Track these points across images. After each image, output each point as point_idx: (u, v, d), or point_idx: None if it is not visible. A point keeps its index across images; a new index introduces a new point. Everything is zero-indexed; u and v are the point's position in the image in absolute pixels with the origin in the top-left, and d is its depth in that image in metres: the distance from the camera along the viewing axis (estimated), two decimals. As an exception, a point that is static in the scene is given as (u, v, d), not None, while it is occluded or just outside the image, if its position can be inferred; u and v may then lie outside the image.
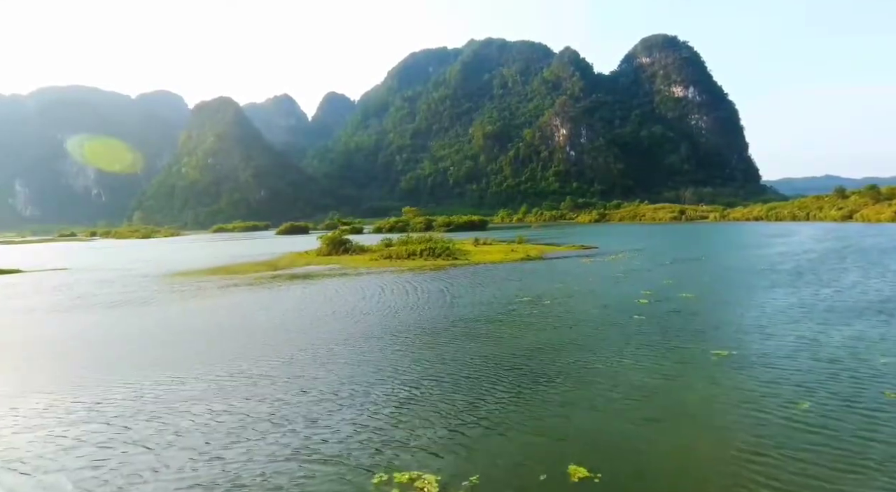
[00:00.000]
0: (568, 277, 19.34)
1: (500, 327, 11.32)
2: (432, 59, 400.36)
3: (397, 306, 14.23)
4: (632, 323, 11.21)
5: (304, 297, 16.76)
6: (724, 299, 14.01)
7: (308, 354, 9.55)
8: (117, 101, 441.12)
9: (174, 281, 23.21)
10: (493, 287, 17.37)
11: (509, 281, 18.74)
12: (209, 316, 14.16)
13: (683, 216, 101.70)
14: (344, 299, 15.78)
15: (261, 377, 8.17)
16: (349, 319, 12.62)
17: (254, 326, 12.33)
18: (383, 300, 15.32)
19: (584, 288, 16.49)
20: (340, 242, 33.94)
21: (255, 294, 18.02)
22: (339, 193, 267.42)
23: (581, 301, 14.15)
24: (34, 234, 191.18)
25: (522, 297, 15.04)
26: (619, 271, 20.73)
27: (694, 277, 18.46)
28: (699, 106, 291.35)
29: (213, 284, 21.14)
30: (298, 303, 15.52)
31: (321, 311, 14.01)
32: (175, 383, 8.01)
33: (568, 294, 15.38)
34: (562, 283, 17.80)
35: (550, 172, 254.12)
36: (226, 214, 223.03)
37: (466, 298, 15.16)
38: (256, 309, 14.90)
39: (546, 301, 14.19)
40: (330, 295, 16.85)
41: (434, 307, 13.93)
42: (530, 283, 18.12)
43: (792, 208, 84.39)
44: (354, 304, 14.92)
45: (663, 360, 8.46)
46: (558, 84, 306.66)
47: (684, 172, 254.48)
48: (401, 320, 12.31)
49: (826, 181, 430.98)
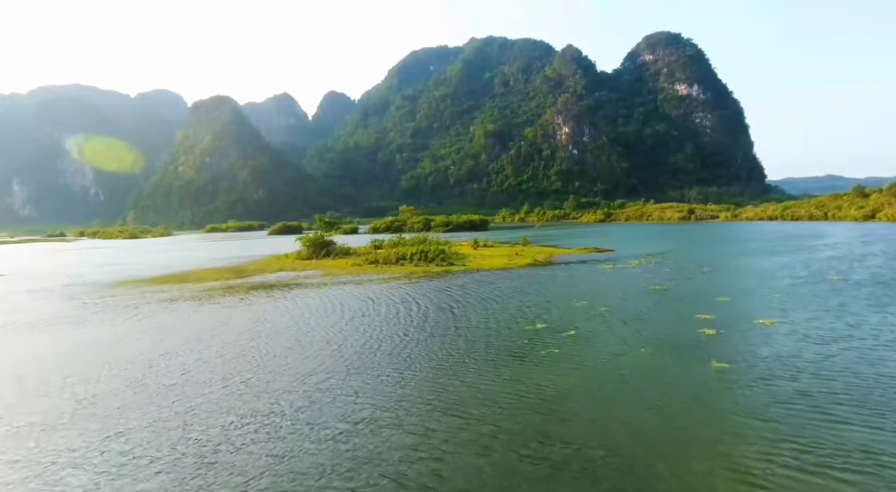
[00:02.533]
0: (591, 291, 15.29)
1: (509, 387, 7.31)
2: (433, 58, 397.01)
3: (363, 342, 10.23)
4: (713, 378, 7.22)
5: (251, 320, 12.74)
6: (820, 328, 9.97)
7: (194, 450, 5.57)
8: (116, 100, 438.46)
9: (114, 292, 19.25)
10: (494, 306, 13.34)
11: (515, 297, 14.69)
12: (102, 351, 10.19)
13: (693, 216, 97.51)
14: (297, 326, 11.77)
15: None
16: (288, 374, 8.63)
17: (147, 380, 8.35)
18: (348, 330, 11.31)
19: (618, 308, 12.42)
20: (322, 245, 29.97)
21: (191, 314, 14.02)
22: (338, 193, 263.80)
23: (621, 332, 10.10)
24: (29, 234, 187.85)
25: (535, 323, 11.01)
26: (652, 282, 16.68)
27: (752, 292, 14.40)
28: (703, 104, 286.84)
29: (154, 298, 17.18)
30: (238, 331, 11.50)
31: (256, 349, 10.01)
32: None
33: (598, 317, 11.36)
34: (585, 299, 13.76)
35: (553, 171, 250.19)
36: (223, 213, 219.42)
37: (458, 325, 11.16)
38: (172, 346, 10.88)
39: (570, 331, 10.17)
40: (283, 320, 12.83)
41: (411, 344, 9.92)
42: (543, 299, 14.09)
43: (808, 208, 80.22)
44: (307, 333, 10.95)
45: (810, 456, 4.47)
46: (560, 82, 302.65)
47: (689, 171, 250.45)
48: (364, 376, 8.31)
49: (828, 181, 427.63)
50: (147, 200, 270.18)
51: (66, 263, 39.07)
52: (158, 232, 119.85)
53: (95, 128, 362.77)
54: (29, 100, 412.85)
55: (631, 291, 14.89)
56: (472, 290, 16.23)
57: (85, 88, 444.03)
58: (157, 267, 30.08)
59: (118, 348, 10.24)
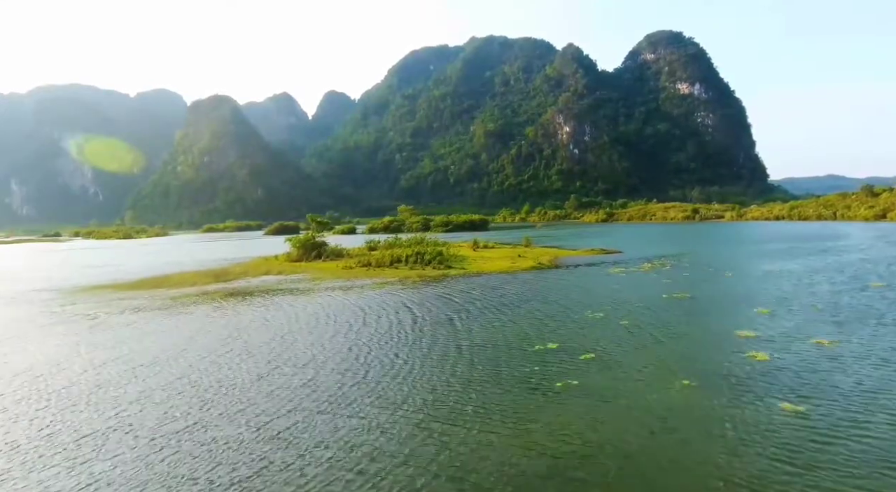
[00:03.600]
0: (605, 299, 13.59)
1: (520, 438, 5.61)
2: (433, 57, 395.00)
3: (345, 368, 8.55)
4: (792, 428, 5.52)
5: (218, 338, 11.07)
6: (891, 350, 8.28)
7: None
8: (115, 99, 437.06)
9: (80, 299, 17.61)
10: (496, 318, 11.66)
11: (520, 306, 13.01)
12: (20, 381, 8.51)
13: (697, 216, 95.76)
14: (270, 346, 10.10)
15: None
16: (242, 418, 6.95)
17: (45, 432, 6.67)
18: (329, 351, 9.64)
19: (641, 322, 10.71)
20: (313, 246, 28.29)
21: (152, 328, 12.35)
22: (337, 193, 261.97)
23: (651, 355, 8.40)
24: (26, 234, 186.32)
25: (545, 342, 9.31)
26: (672, 289, 14.98)
27: (791, 302, 12.69)
28: (705, 103, 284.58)
29: (118, 307, 15.52)
30: (200, 353, 9.83)
31: (214, 380, 8.34)
32: None
33: (619, 334, 9.68)
34: (600, 310, 12.07)
35: (553, 170, 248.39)
36: (221, 213, 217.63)
37: (457, 344, 9.48)
38: (113, 375, 9.21)
39: (587, 353, 8.46)
40: (255, 337, 11.16)
41: (402, 371, 8.24)
42: (552, 310, 12.40)
43: (817, 207, 78.47)
44: (280, 354, 9.28)
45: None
46: (561, 81, 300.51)
47: (690, 171, 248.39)
48: (339, 418, 6.63)
49: (829, 181, 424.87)
50: (145, 199, 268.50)
51: (49, 265, 37.43)
52: (154, 232, 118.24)
53: (95, 127, 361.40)
54: (28, 99, 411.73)
55: (651, 300, 13.19)
56: (471, 297, 14.56)
57: (84, 88, 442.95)
58: (139, 269, 28.42)
59: (41, 377, 8.53)
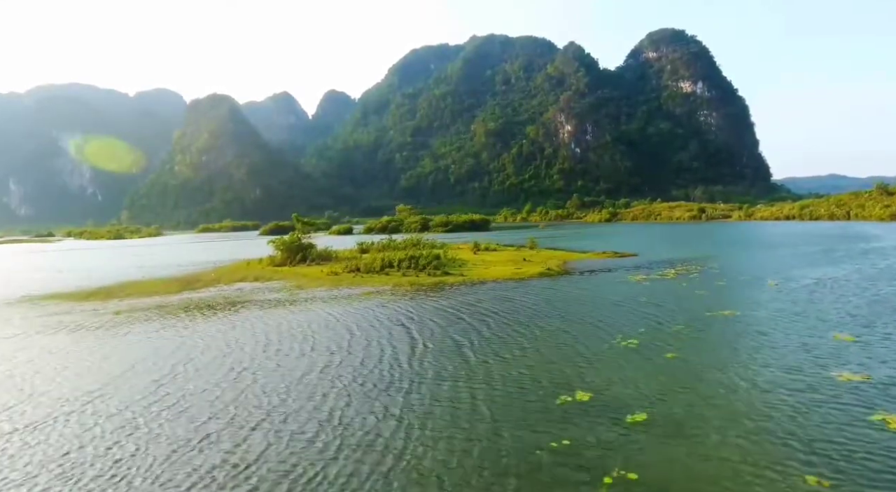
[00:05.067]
0: (637, 319, 11.01)
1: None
2: (433, 56, 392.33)
3: (307, 438, 6.01)
4: None
5: (154, 375, 8.51)
6: None
7: None
8: (115, 98, 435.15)
9: (16, 312, 15.13)
10: (502, 349, 9.10)
11: (531, 328, 10.43)
12: None
13: (704, 215, 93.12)
14: (215, 392, 7.55)
15: None
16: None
17: None
18: (291, 403, 7.09)
19: (694, 357, 8.12)
20: (298, 249, 25.78)
21: (77, 356, 9.84)
22: (337, 192, 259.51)
23: (736, 418, 5.83)
24: (22, 233, 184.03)
25: (573, 390, 6.74)
26: (713, 304, 12.41)
27: (876, 324, 10.11)
28: (708, 102, 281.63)
29: (55, 322, 13.03)
30: (124, 399, 7.28)
31: (121, 452, 5.81)
32: None
33: (674, 377, 7.14)
34: (634, 335, 9.51)
35: (555, 169, 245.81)
36: (219, 212, 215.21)
37: (449, 395, 6.94)
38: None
39: (638, 413, 5.89)
40: (203, 373, 8.61)
41: (377, 449, 5.71)
42: (572, 334, 9.84)
43: (828, 206, 75.80)
44: (223, 409, 6.76)
45: None
46: (562, 80, 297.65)
47: (693, 170, 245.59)
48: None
49: (831, 180, 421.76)
50: (143, 199, 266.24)
51: (20, 268, 35.03)
52: (148, 232, 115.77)
53: (94, 127, 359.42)
54: (27, 98, 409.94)
55: (694, 320, 10.63)
56: (469, 313, 12.03)
57: (84, 87, 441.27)
58: (109, 274, 25.91)
59: None
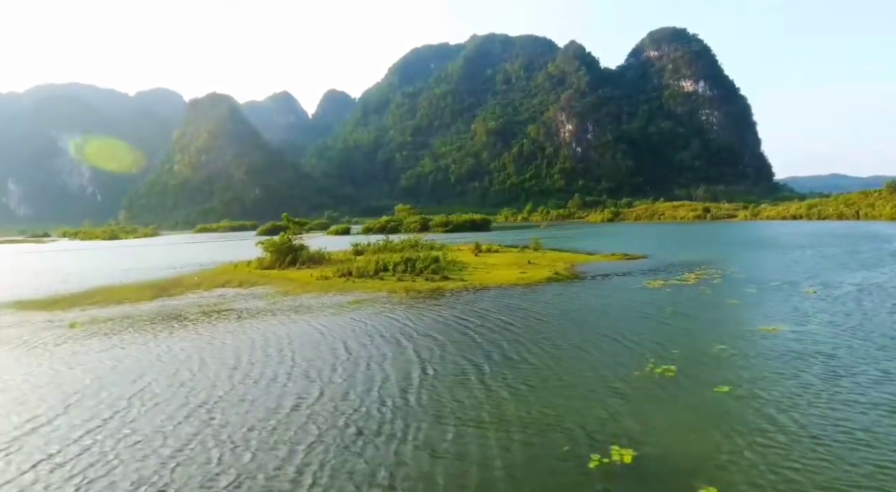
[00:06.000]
0: (668, 338, 9.49)
1: None
2: (434, 55, 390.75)
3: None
4: None
5: (79, 416, 7.04)
6: None
7: None
8: (114, 98, 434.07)
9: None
10: (518, 376, 7.59)
11: (543, 349, 8.91)
12: None
13: (708, 215, 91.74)
14: (156, 443, 6.07)
15: None
16: None
17: None
18: (254, 464, 5.61)
19: (752, 394, 6.55)
20: (288, 251, 24.31)
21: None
22: (336, 192, 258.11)
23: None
24: (19, 234, 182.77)
25: (608, 444, 5.27)
26: (753, 317, 10.90)
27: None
28: (710, 101, 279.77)
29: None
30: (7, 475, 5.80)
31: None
32: None
33: (726, 427, 5.65)
34: (669, 358, 8.01)
35: (556, 169, 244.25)
36: (218, 212, 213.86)
37: (448, 452, 5.46)
38: None
39: (698, 485, 4.43)
40: (151, 413, 7.13)
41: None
42: (591, 356, 8.33)
43: (837, 206, 74.42)
44: (160, 466, 5.28)
45: None
46: (563, 79, 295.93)
47: (695, 169, 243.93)
48: None
49: (832, 180, 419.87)
50: (142, 199, 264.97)
51: (1, 271, 33.61)
52: (144, 232, 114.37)
53: (93, 127, 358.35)
54: (27, 98, 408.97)
55: (738, 339, 9.09)
56: (474, 327, 10.55)
57: (83, 87, 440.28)
58: (87, 278, 24.44)
59: None
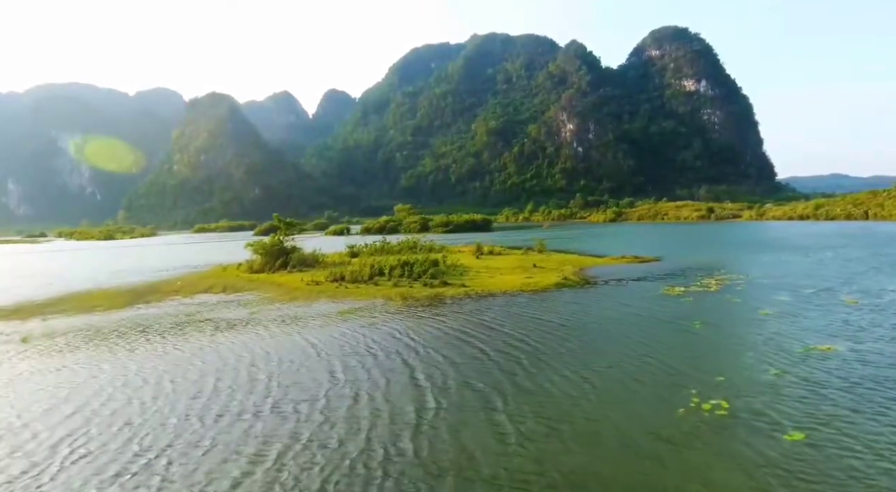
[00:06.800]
0: (706, 361, 8.12)
1: None
2: (434, 55, 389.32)
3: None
4: None
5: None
6: None
7: None
8: (114, 98, 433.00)
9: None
10: (543, 414, 6.25)
11: (570, 371, 7.55)
12: None
13: (713, 215, 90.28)
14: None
15: None
16: None
17: None
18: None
19: (825, 439, 5.26)
20: (279, 252, 22.98)
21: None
22: (336, 192, 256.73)
23: None
24: (17, 233, 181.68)
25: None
26: (796, 332, 9.54)
27: None
28: (712, 100, 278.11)
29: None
30: None
31: None
32: None
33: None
34: (712, 389, 6.66)
35: (557, 168, 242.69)
36: (217, 212, 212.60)
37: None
38: None
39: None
40: (71, 452, 5.82)
41: None
42: (630, 391, 6.97)
43: (845, 206, 72.98)
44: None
45: None
46: (564, 78, 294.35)
47: (697, 169, 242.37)
48: None
49: (833, 180, 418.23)
50: (141, 199, 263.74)
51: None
52: (141, 232, 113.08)
53: (93, 127, 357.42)
54: (26, 98, 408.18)
55: (789, 361, 7.75)
56: (480, 345, 9.21)
57: (83, 87, 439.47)
58: (71, 281, 23.13)
59: None
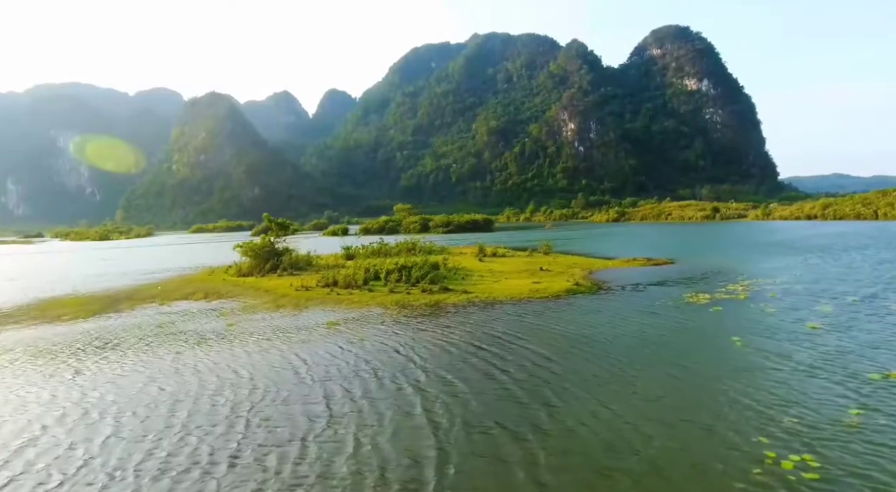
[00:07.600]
0: (763, 388, 6.73)
1: None
2: (434, 54, 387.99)
3: None
4: None
5: None
6: None
7: None
8: (114, 98, 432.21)
9: None
10: (566, 468, 4.82)
11: (602, 407, 6.13)
12: None
13: (718, 215, 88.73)
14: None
15: None
16: None
17: None
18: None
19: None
20: (269, 254, 21.59)
21: None
22: (336, 192, 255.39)
23: None
24: (15, 234, 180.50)
25: None
26: (861, 352, 8.11)
27: None
28: (714, 99, 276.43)
29: None
30: None
31: None
32: None
33: None
34: (787, 434, 5.24)
35: (558, 168, 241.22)
36: (217, 212, 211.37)
37: None
38: None
39: None
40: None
41: None
42: (681, 438, 5.56)
43: (854, 205, 71.40)
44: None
45: None
46: (565, 78, 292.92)
47: (699, 169, 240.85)
48: None
49: (835, 180, 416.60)
50: (140, 198, 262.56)
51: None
52: (137, 232, 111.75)
53: (93, 126, 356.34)
54: (26, 98, 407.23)
55: (866, 394, 6.32)
56: (492, 366, 7.80)
57: (82, 86, 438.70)
58: (53, 285, 21.74)
59: None
